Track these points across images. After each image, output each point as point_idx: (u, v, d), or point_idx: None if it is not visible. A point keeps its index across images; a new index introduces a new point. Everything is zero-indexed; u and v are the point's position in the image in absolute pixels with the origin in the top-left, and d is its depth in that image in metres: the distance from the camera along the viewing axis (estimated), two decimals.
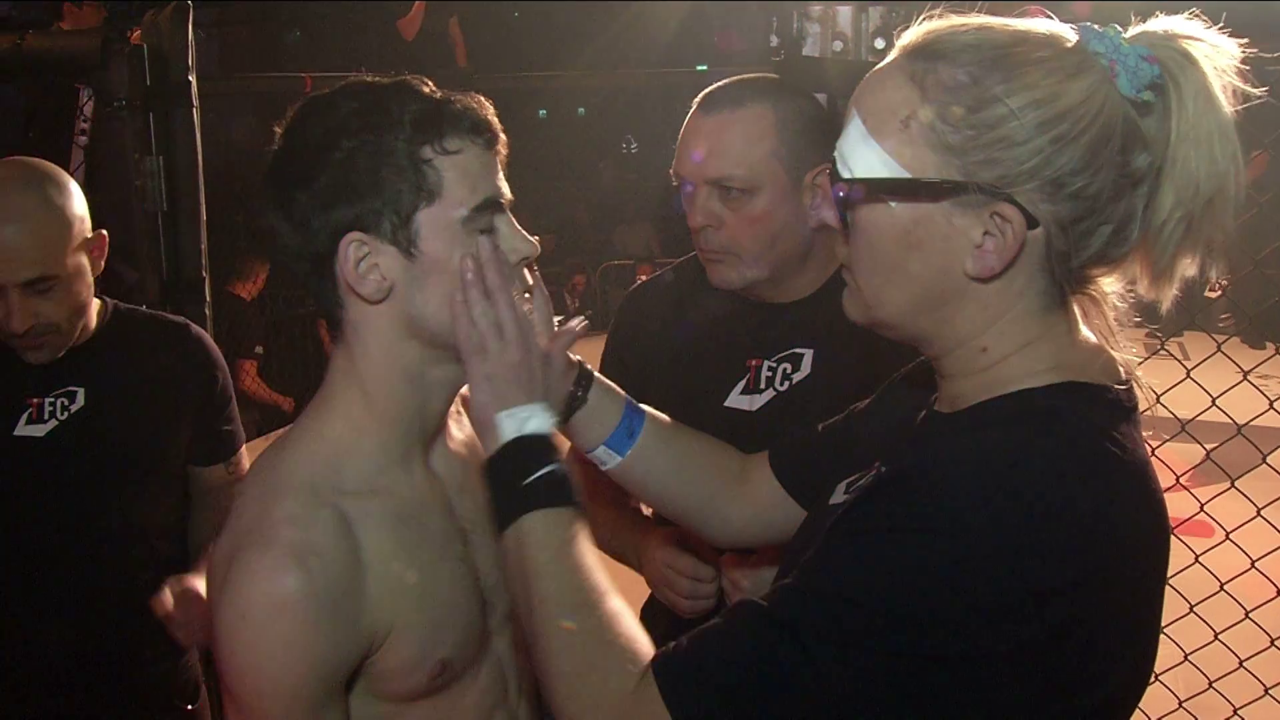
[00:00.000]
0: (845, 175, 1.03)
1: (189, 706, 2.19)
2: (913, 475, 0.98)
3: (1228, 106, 0.97)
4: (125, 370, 2.03)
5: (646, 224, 11.28)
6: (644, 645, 1.05)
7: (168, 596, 1.91)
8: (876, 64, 1.06)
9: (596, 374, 1.38)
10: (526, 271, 1.25)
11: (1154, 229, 0.99)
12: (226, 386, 2.17)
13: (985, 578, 0.89)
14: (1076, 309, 1.06)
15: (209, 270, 2.71)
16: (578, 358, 1.38)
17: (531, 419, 1.17)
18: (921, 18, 1.03)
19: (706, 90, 1.77)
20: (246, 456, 2.22)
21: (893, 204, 1.00)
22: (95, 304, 2.04)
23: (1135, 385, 1.06)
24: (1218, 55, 0.98)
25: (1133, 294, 1.08)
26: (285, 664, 1.11)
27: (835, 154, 1.05)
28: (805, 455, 1.41)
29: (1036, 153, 0.95)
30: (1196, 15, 0.99)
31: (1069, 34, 1.00)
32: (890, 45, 2.00)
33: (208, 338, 2.19)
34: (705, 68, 8.09)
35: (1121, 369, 1.06)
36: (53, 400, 1.98)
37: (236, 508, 1.20)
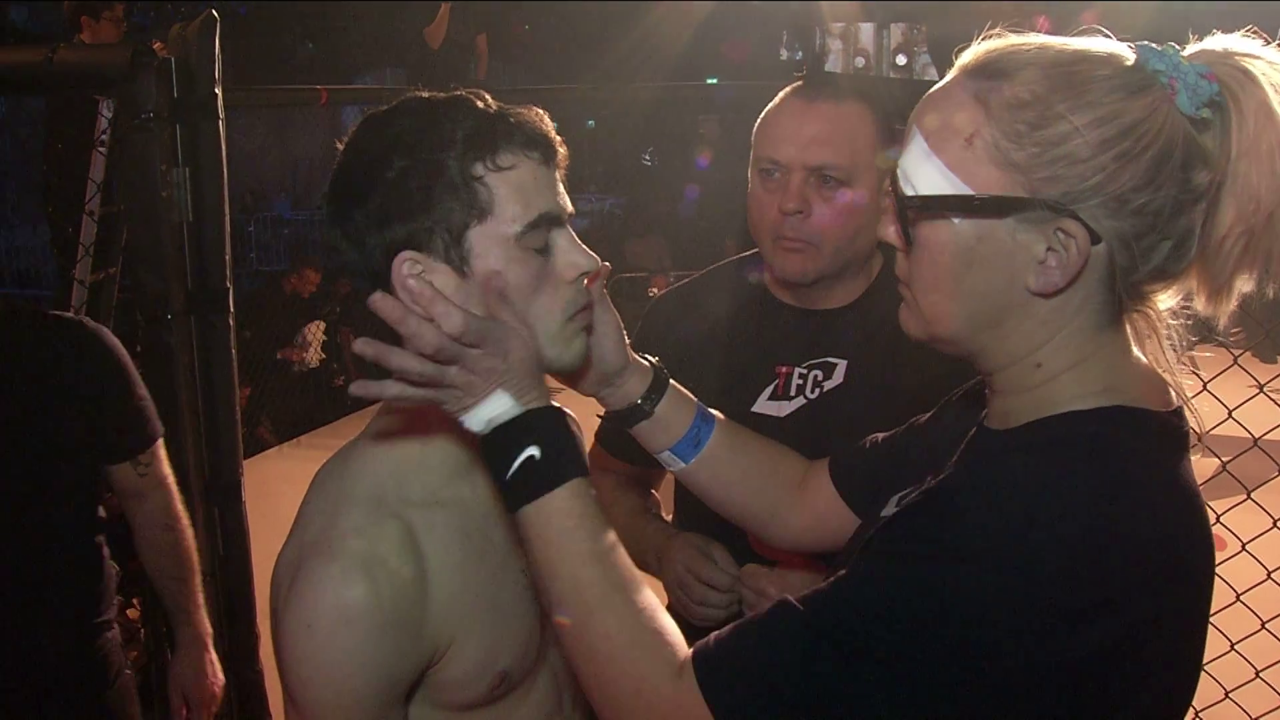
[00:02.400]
0: (909, 192, 1.03)
1: (101, 693, 2.22)
2: (951, 498, 0.99)
3: None
4: (12, 373, 2.05)
5: (658, 237, 11.28)
6: (679, 636, 1.05)
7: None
8: (896, 79, 1.04)
9: (672, 383, 1.40)
10: (588, 285, 1.24)
11: (1213, 244, 0.99)
12: (125, 382, 2.19)
13: (1016, 605, 0.90)
14: (1130, 329, 1.06)
15: (233, 280, 2.74)
16: (655, 362, 1.39)
17: (487, 412, 1.10)
18: (981, 37, 1.04)
19: (799, 81, 1.80)
20: (160, 456, 2.27)
21: (956, 220, 1.01)
22: None
23: (1186, 410, 1.05)
24: (1275, 72, 0.97)
25: (1187, 309, 1.06)
26: (348, 674, 1.13)
27: (898, 171, 1.05)
28: (863, 465, 1.42)
29: (1100, 169, 0.95)
30: (1254, 32, 1.00)
31: (1127, 52, 1.00)
32: (911, 62, 2.03)
33: (104, 332, 2.20)
34: (715, 80, 8.11)
35: (1173, 392, 1.06)
36: None
37: (301, 517, 1.22)
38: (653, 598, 1.08)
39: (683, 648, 1.04)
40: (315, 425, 7.29)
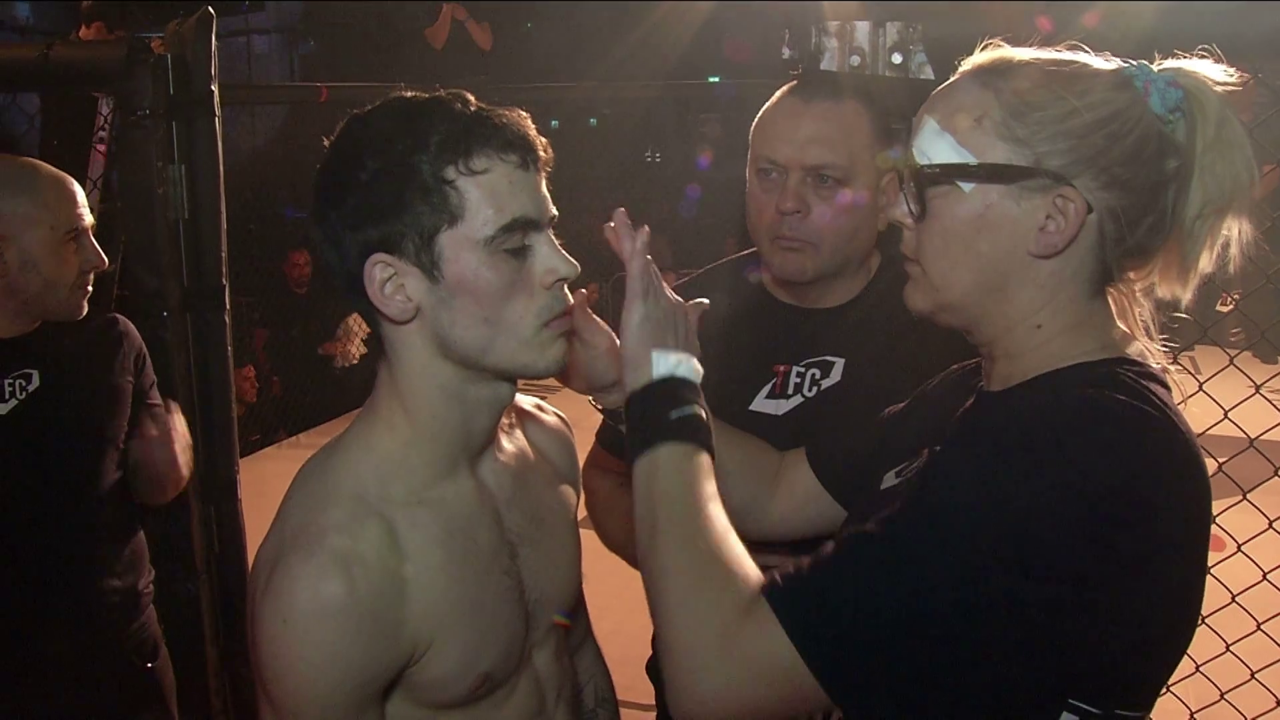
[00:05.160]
0: (923, 163, 1.15)
1: (149, 665, 2.36)
2: (1007, 417, 1.08)
3: (1241, 124, 1.12)
4: (72, 356, 2.24)
5: (659, 235, 11.28)
6: (758, 575, 1.09)
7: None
8: (893, 78, 1.10)
9: None
10: (569, 293, 1.24)
11: (1185, 225, 1.14)
12: (150, 369, 2.42)
13: (1078, 511, 0.97)
14: (1112, 305, 1.18)
15: (229, 278, 2.74)
16: None
17: (683, 364, 1.24)
18: (981, 45, 1.19)
19: (796, 80, 1.80)
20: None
21: (967, 188, 1.13)
22: None
23: (1165, 373, 1.17)
24: (1226, 83, 1.14)
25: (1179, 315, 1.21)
26: (323, 670, 1.12)
27: (913, 149, 1.17)
28: (844, 452, 1.48)
29: (1094, 146, 1.09)
30: (1206, 53, 1.15)
31: (1108, 62, 1.15)
32: (907, 60, 2.03)
33: (132, 326, 2.43)
34: (717, 79, 8.09)
35: (1151, 358, 1.17)
36: (11, 381, 2.17)
37: (282, 513, 1.21)
38: (740, 546, 1.13)
39: (759, 582, 1.08)
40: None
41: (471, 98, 1.19)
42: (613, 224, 1.26)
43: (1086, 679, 1.04)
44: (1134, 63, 1.14)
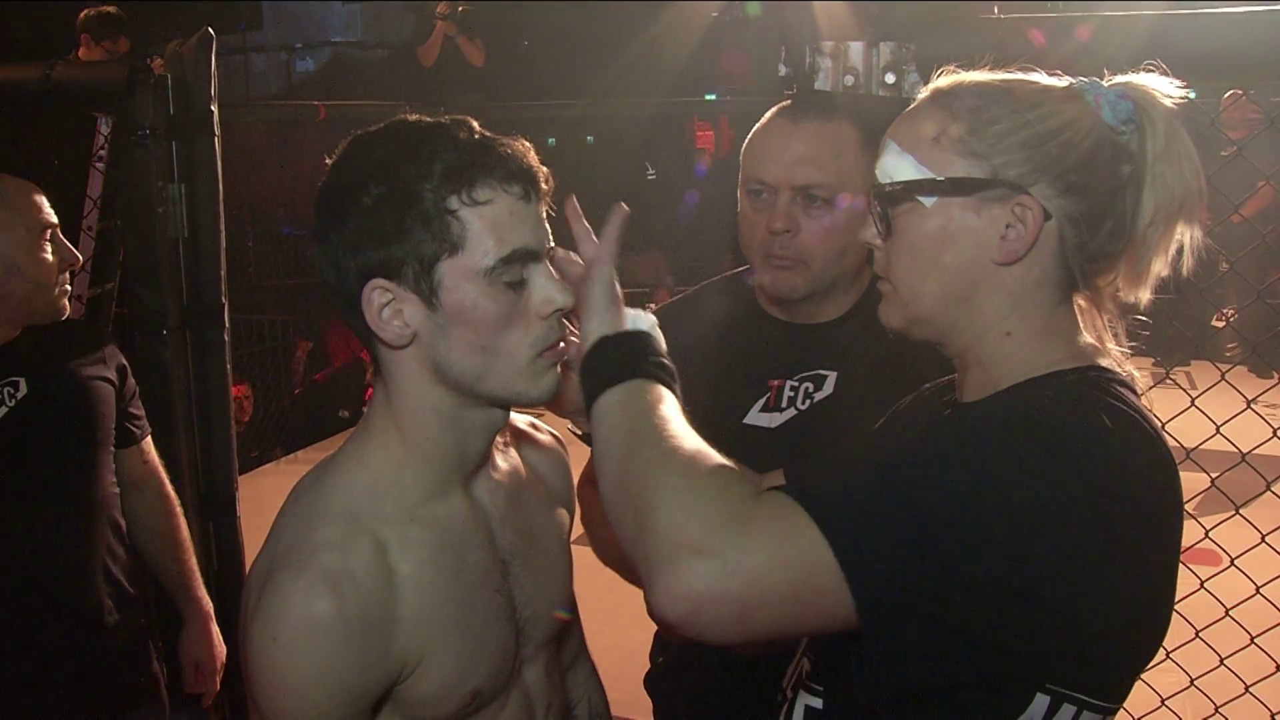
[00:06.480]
0: (887, 182, 1.21)
1: (140, 678, 2.34)
2: (985, 417, 1.12)
3: (1188, 135, 1.17)
4: (56, 361, 2.24)
5: (656, 253, 11.28)
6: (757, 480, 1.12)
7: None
8: (883, 96, 1.13)
9: None
10: (565, 323, 1.24)
11: (1140, 232, 1.18)
12: (132, 378, 2.42)
13: (1064, 473, 1.02)
14: (1078, 314, 1.22)
15: (228, 296, 2.76)
16: None
17: (656, 328, 1.26)
18: (940, 71, 1.24)
19: (787, 100, 1.83)
20: (152, 448, 2.47)
21: (929, 203, 1.18)
22: None
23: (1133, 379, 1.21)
24: (1173, 97, 1.18)
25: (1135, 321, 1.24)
26: (313, 687, 1.13)
27: (876, 171, 1.23)
28: (821, 474, 1.45)
29: (1047, 155, 1.14)
30: (1153, 67, 1.21)
31: (1058, 80, 1.21)
32: (900, 80, 2.05)
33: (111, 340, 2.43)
34: (714, 96, 8.13)
35: (1116, 364, 1.21)
36: None
37: (275, 529, 1.22)
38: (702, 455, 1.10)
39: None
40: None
41: (476, 124, 1.19)
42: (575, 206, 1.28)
43: (1059, 664, 1.07)
44: (1084, 79, 1.20)
